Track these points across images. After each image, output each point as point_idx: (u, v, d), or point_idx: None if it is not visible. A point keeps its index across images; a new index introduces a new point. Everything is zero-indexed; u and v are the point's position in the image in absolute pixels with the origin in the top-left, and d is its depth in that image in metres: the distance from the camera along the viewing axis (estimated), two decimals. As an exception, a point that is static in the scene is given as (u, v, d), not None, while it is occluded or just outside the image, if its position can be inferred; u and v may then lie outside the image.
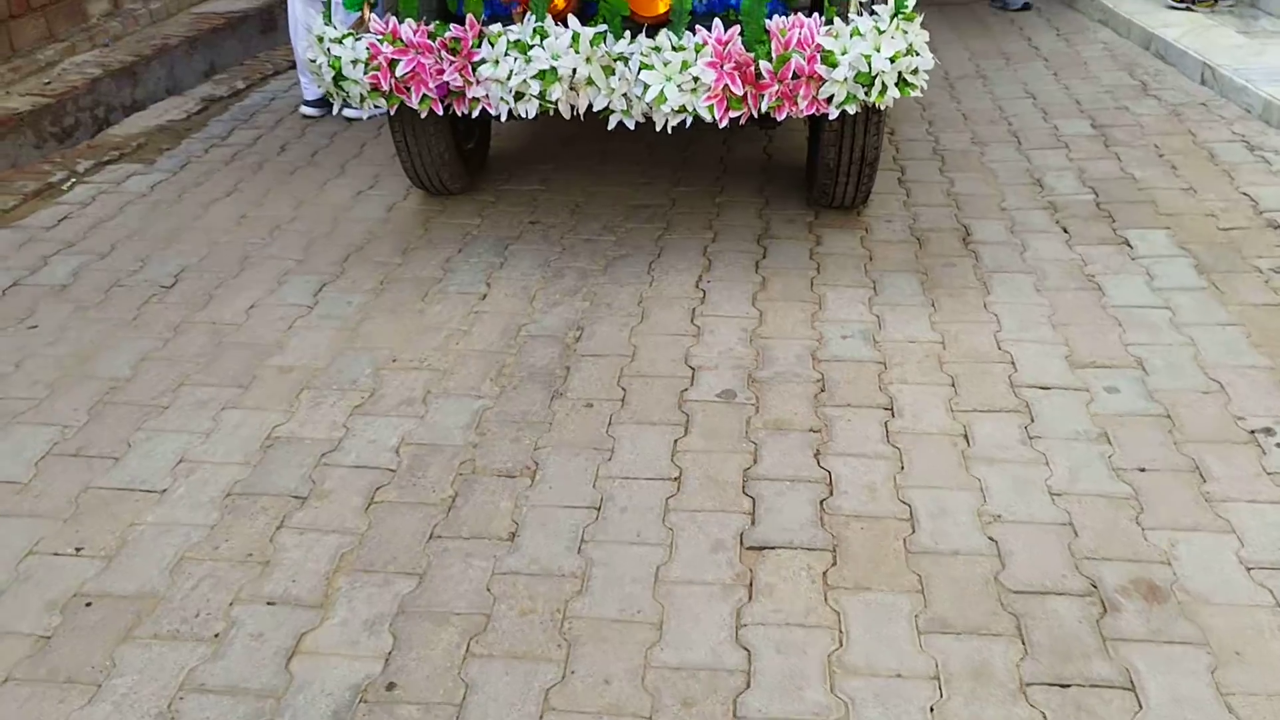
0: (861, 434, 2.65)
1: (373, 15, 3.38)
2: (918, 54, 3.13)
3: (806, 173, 4.05)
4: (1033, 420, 2.67)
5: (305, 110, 4.99)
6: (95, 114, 5.03)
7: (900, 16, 3.12)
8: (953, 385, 2.84)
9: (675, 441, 2.63)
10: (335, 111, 3.57)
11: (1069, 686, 1.92)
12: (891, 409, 2.74)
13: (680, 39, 3.13)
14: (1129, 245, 3.55)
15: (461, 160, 3.94)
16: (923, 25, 3.13)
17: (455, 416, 2.75)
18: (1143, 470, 2.48)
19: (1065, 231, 3.68)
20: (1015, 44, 5.85)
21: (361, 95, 3.35)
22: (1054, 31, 6.01)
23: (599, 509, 2.40)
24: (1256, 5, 5.71)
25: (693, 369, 2.94)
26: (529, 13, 3.22)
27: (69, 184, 4.29)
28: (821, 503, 2.40)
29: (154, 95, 5.40)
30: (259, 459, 2.59)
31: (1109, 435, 2.60)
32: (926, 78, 3.19)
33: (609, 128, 3.26)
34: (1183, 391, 2.77)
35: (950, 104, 4.95)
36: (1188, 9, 5.73)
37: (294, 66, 5.41)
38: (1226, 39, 5.24)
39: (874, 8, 3.18)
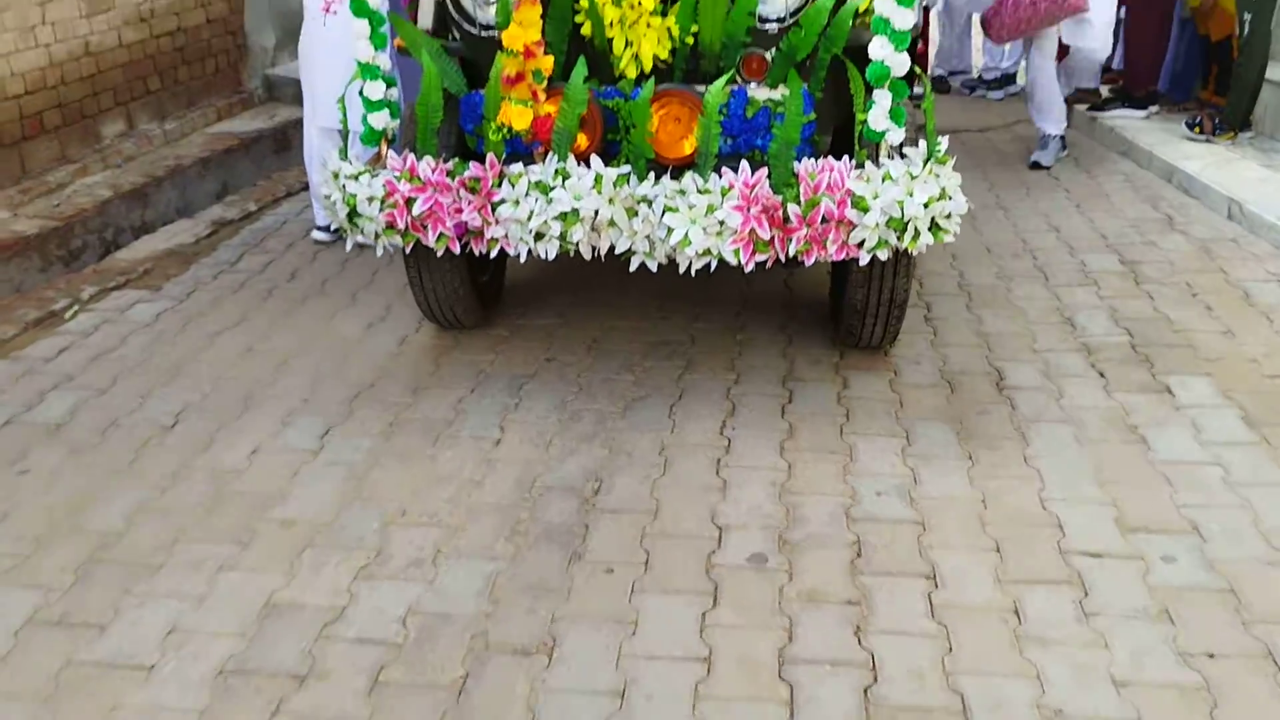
0: (904, 607, 2.47)
1: (390, 151, 3.32)
2: (951, 198, 3.05)
3: (831, 310, 3.95)
4: (1086, 594, 2.50)
5: (317, 235, 4.92)
6: (103, 236, 4.97)
7: (934, 160, 3.05)
8: (997, 551, 2.67)
9: (703, 614, 2.45)
10: (349, 248, 3.48)
11: None
12: (934, 578, 2.57)
13: (706, 181, 3.05)
14: (1171, 393, 3.42)
15: (476, 295, 3.84)
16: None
17: (467, 581, 2.58)
18: (1211, 656, 2.29)
19: (1102, 376, 3.55)
20: (1035, 174, 5.81)
21: (376, 233, 3.26)
22: (1073, 161, 5.98)
23: (622, 695, 2.21)
24: (1276, 138, 5.69)
25: (720, 528, 2.78)
26: (551, 153, 3.15)
27: (72, 312, 4.19)
28: (865, 691, 2.21)
29: (164, 217, 5.35)
30: (255, 630, 2.41)
31: (1170, 613, 2.42)
32: (959, 222, 3.11)
33: (631, 269, 3.16)
34: (1245, 562, 2.60)
35: (973, 235, 4.87)
36: (1207, 141, 5.70)
37: (306, 188, 5.36)
38: (1250, 172, 5.20)
39: (904, 151, 3.11)
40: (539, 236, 3.13)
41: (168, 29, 6.03)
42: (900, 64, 2.95)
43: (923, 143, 3.09)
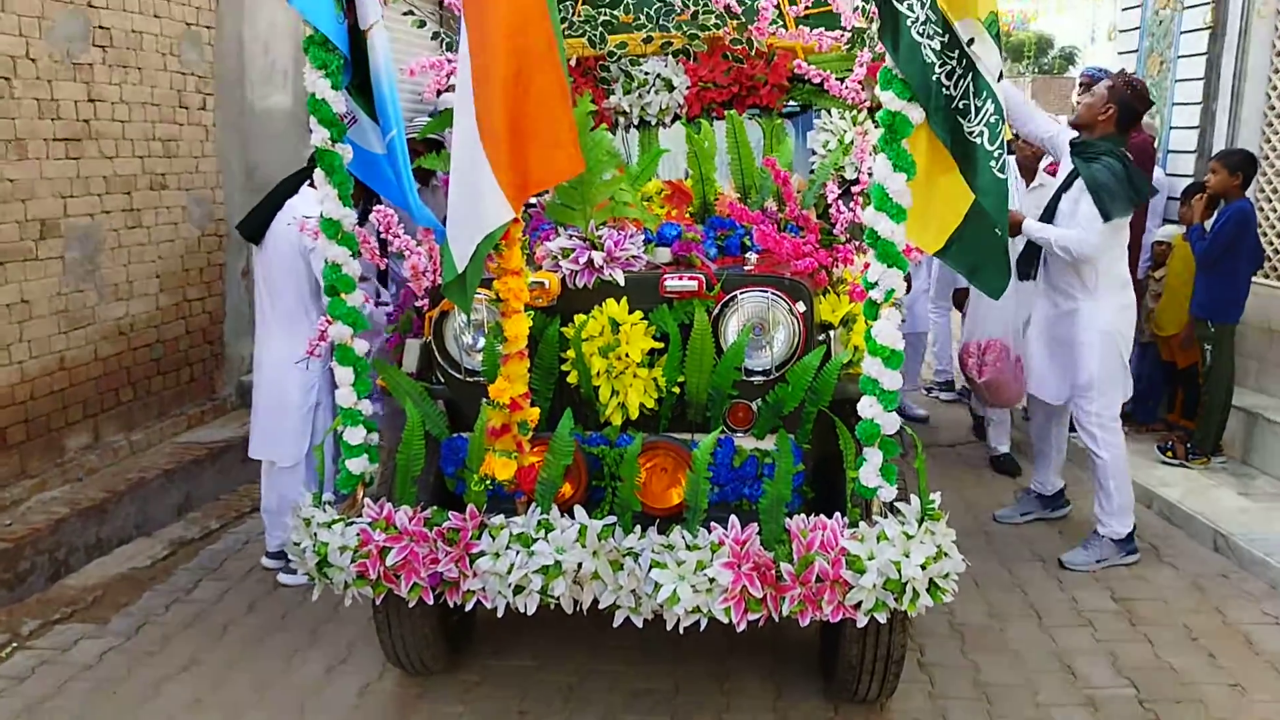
0: None
1: (366, 499, 3.21)
2: (948, 556, 2.96)
3: (821, 661, 3.76)
4: None
5: (266, 563, 4.70)
6: (55, 557, 4.74)
7: (928, 518, 2.98)
8: None
9: None
10: (314, 597, 3.30)
11: None
12: None
13: (695, 536, 2.95)
14: (1189, 761, 3.21)
15: (446, 639, 3.64)
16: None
17: None
18: None
19: (1114, 738, 3.35)
20: (1012, 498, 5.79)
21: (346, 582, 3.10)
22: (1049, 482, 5.98)
23: None
24: (1249, 463, 5.76)
25: None
26: (534, 503, 3.06)
27: (8, 650, 3.91)
28: None
29: (123, 533, 5.16)
30: None
31: None
32: (957, 580, 3.00)
33: (614, 624, 3.00)
34: None
35: (958, 565, 4.76)
36: (1181, 465, 5.76)
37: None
38: (1229, 500, 5.21)
39: (897, 505, 3.05)
40: (518, 590, 2.99)
41: (146, 341, 6.06)
42: (890, 422, 2.94)
43: (915, 498, 3.03)
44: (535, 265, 3.35)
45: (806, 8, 4.45)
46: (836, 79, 4.19)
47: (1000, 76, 2.79)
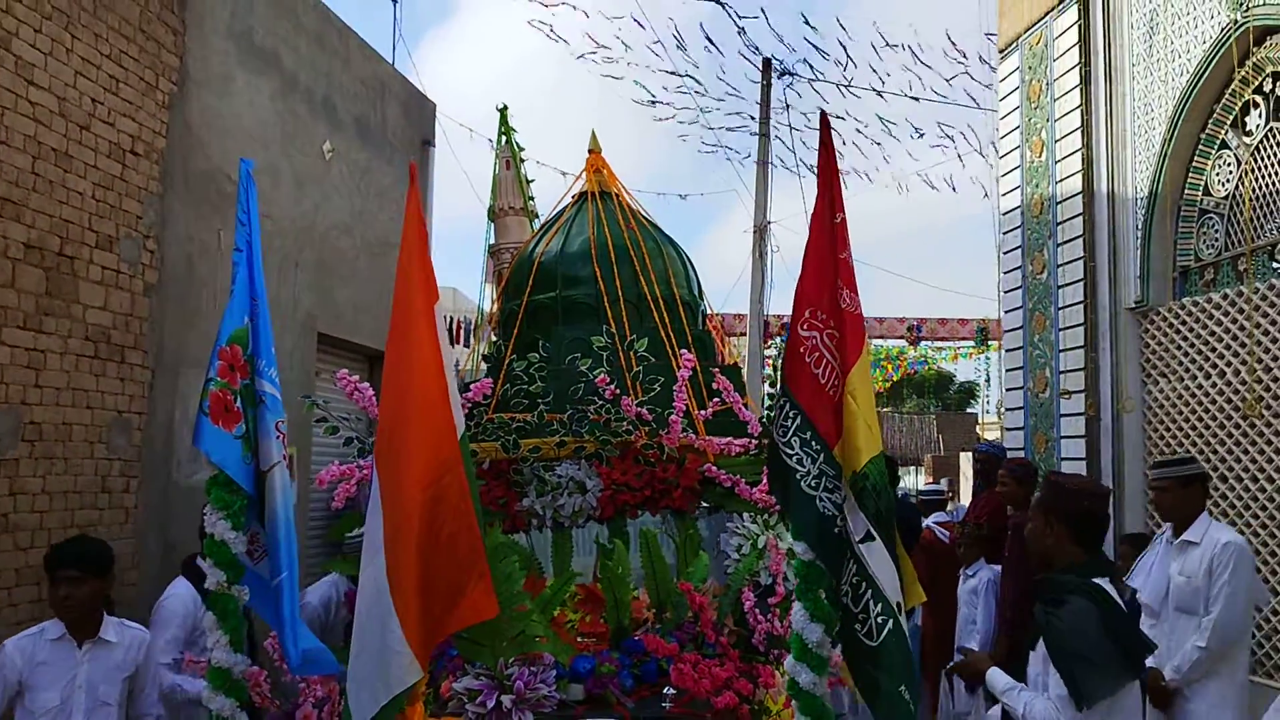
0: None
1: None
2: None
3: None
4: None
5: None
6: None
7: None
8: None
9: None
10: None
11: None
12: None
13: None
14: None
15: None
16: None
17: None
18: None
19: None
20: None
21: None
22: None
23: None
24: None
25: None
26: None
27: None
28: None
29: None
30: None
31: None
32: None
33: None
34: None
35: None
36: None
37: None
38: None
39: None
40: None
41: (34, 740, 5.31)
42: None
43: None
44: (442, 702, 2.95)
45: (714, 410, 4.37)
46: (747, 483, 4.03)
47: (866, 537, 2.43)
